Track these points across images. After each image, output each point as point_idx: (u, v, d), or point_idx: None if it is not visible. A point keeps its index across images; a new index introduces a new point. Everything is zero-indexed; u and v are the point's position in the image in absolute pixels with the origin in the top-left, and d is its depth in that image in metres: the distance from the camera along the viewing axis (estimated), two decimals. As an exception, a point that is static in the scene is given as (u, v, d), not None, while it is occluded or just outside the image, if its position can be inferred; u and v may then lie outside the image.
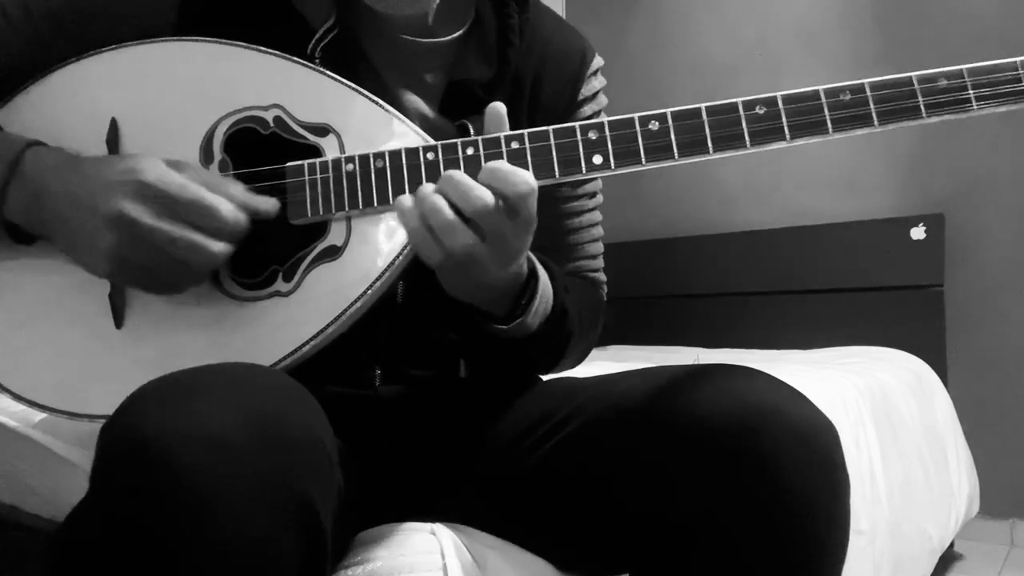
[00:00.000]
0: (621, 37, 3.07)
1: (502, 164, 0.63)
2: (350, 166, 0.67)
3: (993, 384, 2.32)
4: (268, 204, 0.66)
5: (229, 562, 0.45)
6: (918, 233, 2.35)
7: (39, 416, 0.71)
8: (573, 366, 0.89)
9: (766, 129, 0.65)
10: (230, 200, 0.63)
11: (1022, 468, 2.28)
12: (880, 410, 1.70)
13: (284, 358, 0.66)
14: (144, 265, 0.62)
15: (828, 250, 2.51)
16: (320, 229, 0.68)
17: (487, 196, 0.61)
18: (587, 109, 0.88)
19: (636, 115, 0.66)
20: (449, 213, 0.61)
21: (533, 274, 0.72)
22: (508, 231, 0.63)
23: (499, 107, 0.66)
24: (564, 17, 3.08)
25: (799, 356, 2.26)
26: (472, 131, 0.75)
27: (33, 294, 0.69)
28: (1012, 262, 2.30)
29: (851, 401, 1.60)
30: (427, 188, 0.62)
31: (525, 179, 0.62)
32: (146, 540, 0.45)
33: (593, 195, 0.91)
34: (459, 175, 0.62)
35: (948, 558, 2.17)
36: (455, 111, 0.78)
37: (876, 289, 2.41)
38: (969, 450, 2.17)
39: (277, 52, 0.70)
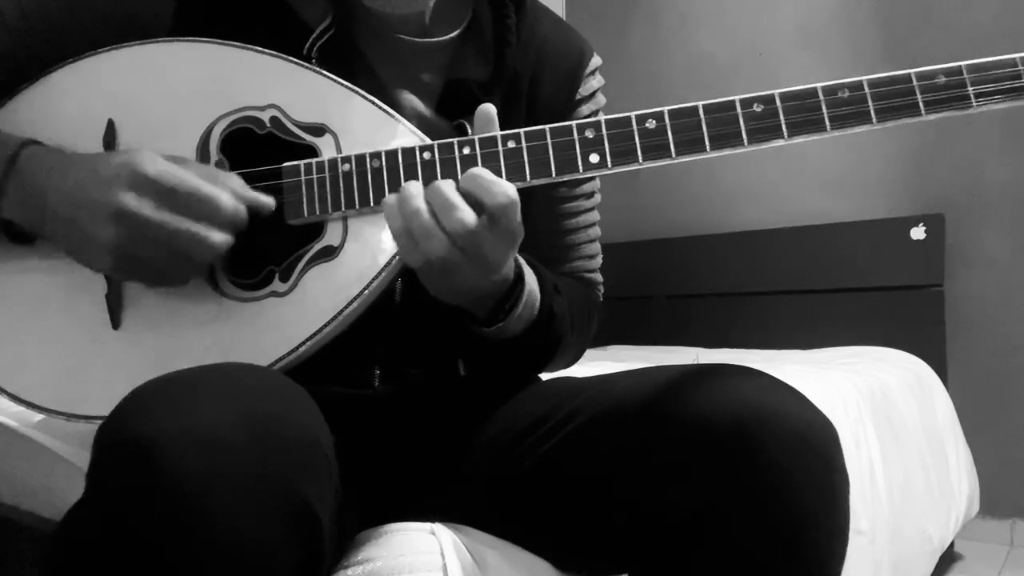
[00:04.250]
0: (621, 37, 3.07)
1: (483, 172, 0.62)
2: (346, 166, 0.67)
3: (993, 384, 2.32)
4: (266, 200, 0.67)
5: (226, 562, 0.45)
6: (918, 233, 2.35)
7: (39, 416, 0.71)
8: (568, 366, 0.89)
9: (763, 127, 0.64)
10: (229, 192, 0.64)
11: (1022, 468, 2.28)
12: (880, 410, 1.70)
13: (281, 358, 0.65)
14: (145, 258, 0.62)
15: (828, 250, 2.50)
16: (317, 229, 0.68)
17: (467, 217, 0.61)
18: (585, 108, 0.88)
19: (633, 113, 0.66)
20: (427, 218, 0.61)
21: (520, 278, 0.71)
22: (487, 245, 0.62)
23: (488, 109, 0.66)
24: (564, 17, 3.08)
25: (799, 356, 2.26)
26: (469, 131, 0.75)
27: (30, 295, 0.68)
28: (1012, 262, 2.30)
29: (851, 401, 1.59)
30: (413, 188, 0.62)
31: (505, 190, 0.62)
32: (142, 540, 0.45)
33: (590, 195, 0.91)
34: (447, 189, 0.62)
35: (948, 558, 2.16)
36: (452, 111, 0.78)
37: (876, 289, 2.41)
38: (969, 450, 2.17)
39: (273, 52, 0.70)
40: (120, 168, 0.62)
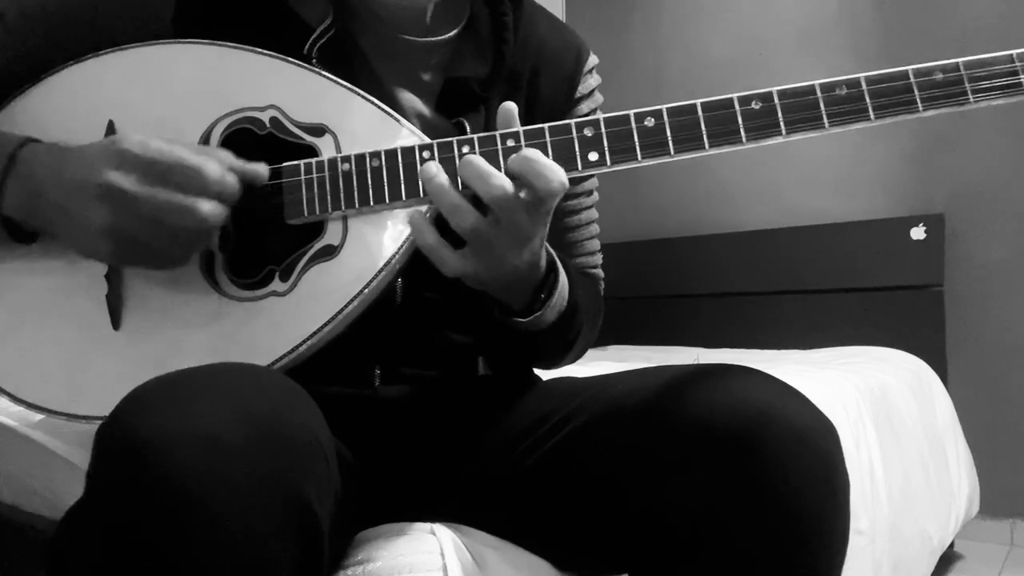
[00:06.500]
0: (621, 37, 3.07)
1: (539, 156, 0.63)
2: (346, 165, 0.67)
3: (993, 384, 2.32)
4: (257, 168, 0.66)
5: (225, 562, 0.45)
6: (918, 233, 2.35)
7: (39, 416, 0.71)
8: (573, 361, 0.89)
9: (762, 124, 0.65)
10: (216, 162, 0.63)
11: (1022, 468, 2.28)
12: (880, 410, 1.70)
13: (281, 358, 0.65)
14: (139, 236, 0.61)
15: (828, 250, 2.51)
16: (317, 229, 0.68)
17: (507, 184, 0.62)
18: (584, 107, 0.88)
19: (632, 111, 0.66)
20: (454, 194, 0.63)
21: (552, 267, 0.72)
22: (525, 220, 0.64)
23: (510, 107, 0.66)
24: (564, 18, 3.08)
25: (799, 356, 2.26)
26: (468, 129, 0.75)
27: (31, 296, 0.69)
28: (1012, 262, 2.30)
29: (851, 401, 1.59)
30: (432, 168, 0.64)
31: (560, 178, 0.63)
32: (142, 540, 0.45)
33: (590, 193, 0.92)
34: (478, 160, 0.63)
35: (948, 558, 2.17)
36: (452, 109, 0.78)
37: (876, 289, 2.41)
38: (969, 450, 2.17)
39: (273, 53, 0.70)
40: (104, 148, 0.62)
